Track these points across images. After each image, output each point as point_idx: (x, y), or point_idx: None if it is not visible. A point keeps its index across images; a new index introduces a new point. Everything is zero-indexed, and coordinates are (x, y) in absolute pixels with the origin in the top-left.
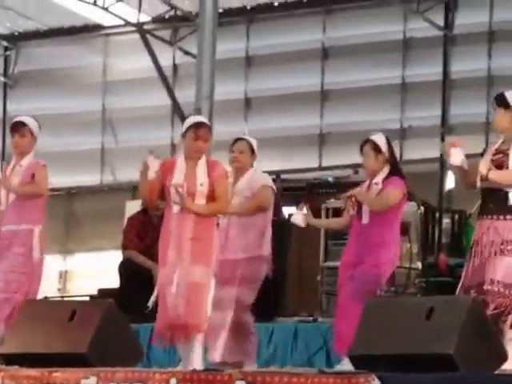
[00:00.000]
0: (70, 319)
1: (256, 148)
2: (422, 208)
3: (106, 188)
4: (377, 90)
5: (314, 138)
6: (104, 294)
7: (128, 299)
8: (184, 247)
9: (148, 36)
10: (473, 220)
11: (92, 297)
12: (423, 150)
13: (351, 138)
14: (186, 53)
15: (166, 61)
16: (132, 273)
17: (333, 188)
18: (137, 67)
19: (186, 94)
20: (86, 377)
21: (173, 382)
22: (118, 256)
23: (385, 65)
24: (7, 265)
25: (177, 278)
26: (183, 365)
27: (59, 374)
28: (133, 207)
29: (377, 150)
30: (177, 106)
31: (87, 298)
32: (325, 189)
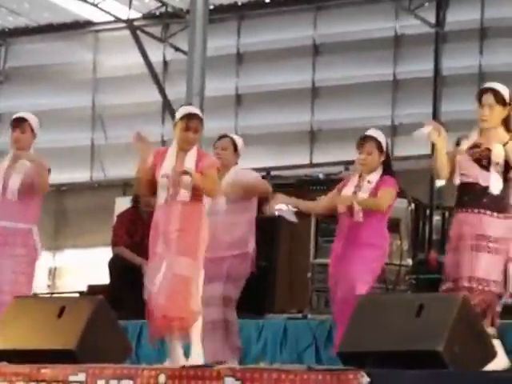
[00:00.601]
0: (59, 316)
1: (240, 146)
2: (412, 205)
3: (96, 184)
4: (368, 87)
5: (304, 135)
6: (93, 290)
7: (118, 296)
8: (171, 239)
9: (138, 32)
10: None
11: (81, 293)
12: (414, 146)
13: (342, 135)
14: (177, 49)
15: (156, 57)
16: (122, 269)
17: (323, 185)
18: (127, 64)
19: (177, 91)
20: (74, 373)
21: (161, 379)
22: (107, 252)
23: (376, 62)
24: (8, 265)
25: (163, 269)
26: (171, 360)
27: (48, 371)
28: (123, 204)
29: (380, 148)
30: (167, 103)
31: (77, 295)
32: (315, 185)
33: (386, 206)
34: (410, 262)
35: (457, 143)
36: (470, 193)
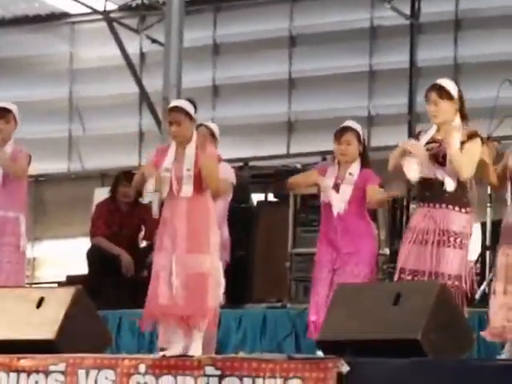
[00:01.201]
0: (38, 306)
1: (217, 133)
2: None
3: (73, 175)
4: (344, 78)
5: (281, 126)
6: (72, 280)
7: (96, 286)
8: (179, 234)
9: (115, 24)
10: None
11: (60, 284)
12: (390, 137)
13: (319, 126)
14: (154, 41)
15: (133, 49)
16: (100, 259)
17: None
18: (104, 55)
19: (154, 82)
20: (54, 363)
21: (142, 368)
22: (86, 243)
23: (352, 53)
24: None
25: (175, 267)
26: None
27: (28, 361)
28: (101, 194)
29: (359, 139)
30: (144, 94)
31: (56, 285)
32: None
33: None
34: (387, 251)
35: (416, 137)
36: (431, 188)
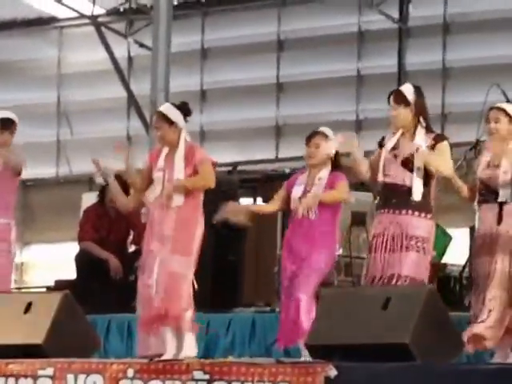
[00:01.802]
0: (26, 311)
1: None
2: (377, 199)
3: (62, 180)
4: (332, 82)
5: (270, 130)
6: (61, 285)
7: (85, 290)
8: (166, 236)
9: (103, 28)
10: None
11: (49, 288)
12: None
13: (307, 130)
14: (141, 45)
15: (121, 53)
16: (88, 264)
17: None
18: (92, 60)
19: (142, 87)
20: (42, 368)
21: (130, 373)
22: (74, 248)
23: (340, 57)
24: None
25: (157, 267)
26: (169, 354)
27: (16, 366)
28: (89, 199)
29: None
30: (132, 99)
31: (44, 290)
32: (282, 180)
33: (345, 199)
34: None
35: (379, 144)
36: (397, 194)
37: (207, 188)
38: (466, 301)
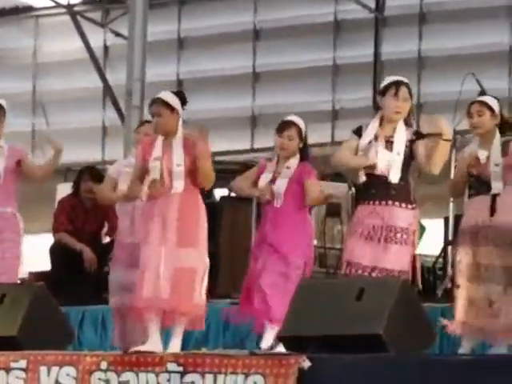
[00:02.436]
0: (0, 303)
1: None
2: (352, 189)
3: None
4: (308, 72)
5: (246, 120)
6: (35, 277)
7: (59, 282)
8: (169, 228)
9: (79, 17)
10: None
11: (23, 280)
12: None
13: None
14: (118, 34)
15: (97, 42)
16: (62, 255)
17: None
18: (67, 49)
19: (118, 76)
20: (15, 360)
21: (103, 365)
22: (49, 239)
23: (316, 47)
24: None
25: (164, 260)
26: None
27: None
28: (64, 190)
29: (300, 134)
30: (108, 88)
31: (18, 282)
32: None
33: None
34: None
35: (357, 132)
36: (377, 185)
37: (203, 186)
38: (438, 291)
